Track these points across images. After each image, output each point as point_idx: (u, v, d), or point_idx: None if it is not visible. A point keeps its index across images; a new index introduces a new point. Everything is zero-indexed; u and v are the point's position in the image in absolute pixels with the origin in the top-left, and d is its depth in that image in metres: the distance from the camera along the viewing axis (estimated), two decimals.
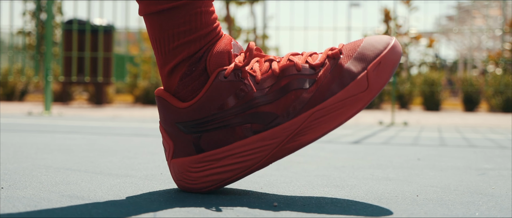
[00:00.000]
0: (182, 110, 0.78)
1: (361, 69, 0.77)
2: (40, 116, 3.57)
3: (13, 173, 0.98)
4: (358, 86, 0.76)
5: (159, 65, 0.81)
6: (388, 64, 0.77)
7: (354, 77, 0.76)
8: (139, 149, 1.47)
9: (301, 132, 0.77)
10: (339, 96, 0.76)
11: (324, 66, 0.78)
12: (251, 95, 0.77)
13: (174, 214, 0.68)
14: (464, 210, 0.75)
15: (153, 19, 0.78)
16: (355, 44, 0.79)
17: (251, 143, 0.77)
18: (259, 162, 0.78)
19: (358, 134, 2.41)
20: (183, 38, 0.78)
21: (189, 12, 0.77)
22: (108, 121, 3.09)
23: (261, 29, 9.46)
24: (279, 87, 0.77)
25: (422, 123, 3.90)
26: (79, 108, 5.53)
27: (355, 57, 0.78)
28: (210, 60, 0.78)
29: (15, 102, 8.02)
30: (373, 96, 0.77)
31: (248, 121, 0.77)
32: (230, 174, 0.79)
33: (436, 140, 2.18)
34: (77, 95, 8.91)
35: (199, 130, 0.78)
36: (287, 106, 0.77)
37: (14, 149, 1.38)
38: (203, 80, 0.78)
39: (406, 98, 8.26)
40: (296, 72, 0.78)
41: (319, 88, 0.77)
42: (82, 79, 6.04)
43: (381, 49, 0.77)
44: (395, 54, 0.77)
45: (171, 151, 0.81)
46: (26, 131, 2.13)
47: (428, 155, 1.51)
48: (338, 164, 1.25)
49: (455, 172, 1.15)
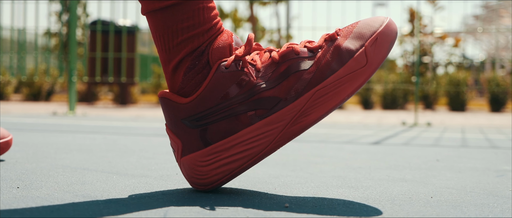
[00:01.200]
0: (185, 105, 0.79)
1: (359, 46, 0.79)
2: (64, 116, 3.61)
3: (30, 173, 0.99)
4: (358, 62, 0.78)
5: (164, 63, 0.82)
6: (384, 40, 0.79)
7: (352, 54, 0.78)
8: (157, 149, 1.48)
9: (305, 112, 0.79)
10: (339, 73, 0.78)
11: (322, 48, 0.80)
12: (252, 83, 0.79)
13: (184, 214, 0.68)
14: (477, 211, 0.74)
15: (156, 16, 0.80)
16: (351, 26, 0.81)
17: (257, 129, 0.79)
18: (267, 147, 0.80)
19: (379, 135, 2.39)
20: (187, 33, 0.79)
21: (192, 7, 0.79)
22: (130, 121, 3.11)
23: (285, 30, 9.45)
24: (280, 72, 0.79)
25: (446, 123, 3.87)
26: (103, 108, 5.58)
27: (352, 37, 0.80)
28: (212, 53, 0.80)
29: (41, 102, 8.11)
30: (373, 71, 0.79)
31: (252, 108, 0.78)
32: (239, 163, 0.80)
33: (458, 141, 2.16)
34: (102, 96, 8.99)
35: (204, 123, 0.79)
36: (289, 88, 0.78)
37: (34, 149, 1.40)
38: (206, 73, 0.80)
39: (431, 98, 8.19)
40: (295, 56, 0.80)
41: (319, 68, 0.78)
42: (106, 80, 6.09)
43: (377, 27, 0.80)
44: (391, 30, 0.79)
45: (180, 150, 0.82)
46: (49, 131, 2.16)
47: (448, 156, 1.49)
48: (355, 165, 1.24)
49: (473, 174, 1.13)
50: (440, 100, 8.49)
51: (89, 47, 6.70)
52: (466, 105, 7.96)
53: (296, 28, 9.69)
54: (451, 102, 7.93)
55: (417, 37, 4.23)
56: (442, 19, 13.36)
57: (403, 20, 11.92)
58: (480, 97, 10.58)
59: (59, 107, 5.59)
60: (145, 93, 11.38)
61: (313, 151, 1.54)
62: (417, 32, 4.28)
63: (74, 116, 3.60)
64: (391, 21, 0.80)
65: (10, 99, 8.77)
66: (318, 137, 2.10)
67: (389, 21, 0.80)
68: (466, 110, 7.79)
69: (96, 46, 6.17)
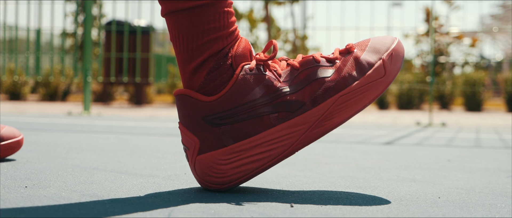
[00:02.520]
0: (210, 103, 0.81)
1: (377, 58, 0.85)
2: (79, 116, 3.63)
3: (40, 172, 1.00)
4: (377, 73, 0.84)
5: (183, 62, 0.83)
6: (398, 56, 0.86)
7: (372, 65, 0.84)
8: (168, 149, 1.49)
9: (328, 116, 0.83)
10: (361, 82, 0.83)
11: (340, 59, 0.85)
12: (276, 86, 0.82)
13: (189, 214, 0.68)
14: (484, 212, 0.74)
15: (181, 16, 0.81)
16: (364, 42, 0.88)
17: (280, 131, 0.82)
18: (288, 149, 0.83)
19: (393, 135, 2.38)
20: (212, 34, 0.81)
21: (218, 10, 0.81)
22: (144, 121, 3.12)
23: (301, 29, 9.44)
24: (302, 78, 0.83)
25: (461, 123, 3.84)
26: (119, 108, 5.60)
27: (368, 50, 0.86)
28: (235, 56, 0.82)
29: (58, 102, 8.17)
30: (390, 81, 0.86)
31: (275, 110, 0.81)
32: (260, 163, 0.82)
33: (472, 141, 2.14)
34: (118, 96, 9.03)
35: (228, 122, 0.81)
36: (312, 93, 0.82)
37: (46, 149, 1.41)
38: (230, 73, 0.82)
39: (447, 98, 8.14)
40: (316, 64, 0.84)
41: (341, 76, 0.83)
42: (121, 80, 6.12)
43: (390, 44, 0.87)
44: (402, 48, 0.87)
45: (197, 148, 0.82)
46: (62, 131, 2.17)
47: (460, 157, 1.48)
48: (366, 165, 1.24)
49: (484, 174, 1.13)
50: (456, 100, 8.44)
51: (104, 48, 6.74)
52: (483, 105, 7.90)
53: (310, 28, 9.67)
54: (467, 102, 7.87)
55: (431, 37, 4.20)
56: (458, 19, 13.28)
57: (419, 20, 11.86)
58: (497, 97, 10.50)
59: (74, 107, 5.63)
60: (161, 93, 11.41)
61: (324, 151, 1.54)
62: (432, 32, 4.25)
63: (89, 116, 3.62)
64: (400, 41, 0.88)
65: (27, 99, 8.85)
66: (330, 137, 2.09)
67: (399, 40, 0.88)
68: (483, 110, 7.73)
69: (111, 46, 6.21)
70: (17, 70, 5.17)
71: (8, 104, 6.61)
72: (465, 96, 7.93)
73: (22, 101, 8.13)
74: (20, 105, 6.07)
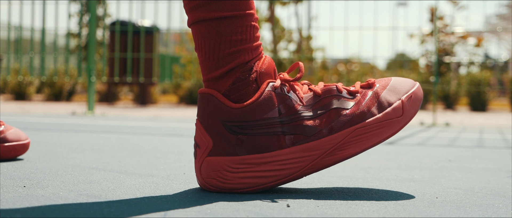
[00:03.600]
0: (234, 110, 0.82)
1: (397, 98, 0.88)
2: (83, 116, 3.64)
3: (39, 171, 1.00)
4: (396, 112, 0.87)
5: (207, 70, 0.85)
6: (417, 99, 0.89)
7: (391, 104, 0.87)
8: (169, 149, 1.49)
9: (342, 146, 0.84)
10: (379, 118, 0.86)
11: (361, 93, 0.88)
12: (296, 109, 0.84)
13: (185, 214, 0.68)
14: (481, 212, 0.74)
15: (210, 26, 0.83)
16: (386, 80, 0.90)
17: (293, 153, 0.83)
18: (297, 172, 0.84)
19: (395, 135, 2.38)
20: (239, 46, 0.83)
21: (245, 23, 0.84)
22: (147, 121, 3.12)
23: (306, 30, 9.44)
24: (322, 105, 0.85)
25: (465, 123, 3.84)
26: (123, 108, 5.61)
27: (388, 89, 0.88)
28: (260, 71, 0.84)
29: (63, 102, 8.19)
30: (407, 122, 0.88)
31: (292, 132, 0.83)
32: (267, 180, 0.83)
33: (474, 141, 2.14)
34: (122, 96, 9.04)
35: (246, 133, 0.82)
36: (329, 122, 0.84)
37: (47, 149, 1.41)
38: (255, 87, 0.84)
39: (452, 98, 8.13)
40: (337, 93, 0.86)
41: (360, 109, 0.86)
42: (125, 80, 6.13)
43: (410, 86, 0.90)
44: (421, 93, 0.90)
45: (209, 148, 0.83)
46: (65, 130, 2.18)
47: (461, 157, 1.48)
48: (366, 165, 1.24)
49: (484, 174, 1.12)
50: (461, 100, 8.42)
51: (109, 48, 6.74)
52: (488, 105, 7.88)
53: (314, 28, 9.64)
54: (472, 102, 7.86)
55: (435, 37, 4.20)
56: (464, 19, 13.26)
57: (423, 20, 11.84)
58: (503, 97, 10.47)
59: (78, 107, 5.64)
60: (165, 93, 11.43)
61: None
62: (436, 32, 4.25)
63: (93, 116, 3.63)
64: (419, 86, 0.91)
65: (32, 99, 8.87)
66: None
67: (418, 85, 0.91)
68: (488, 110, 7.71)
69: (115, 46, 6.22)
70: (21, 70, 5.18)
71: (13, 104, 6.63)
72: (470, 96, 7.91)
73: (27, 101, 8.15)
74: (25, 105, 6.09)
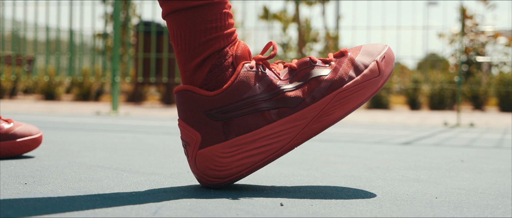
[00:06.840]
0: (213, 97, 0.83)
1: (372, 60, 0.90)
2: (106, 115, 3.67)
3: (45, 169, 1.02)
4: (373, 72, 0.89)
5: (185, 60, 0.86)
6: (390, 59, 0.92)
7: (367, 66, 0.90)
8: (181, 148, 1.49)
9: (326, 112, 0.87)
10: (358, 80, 0.88)
11: (335, 60, 0.90)
12: (275, 83, 0.86)
13: (176, 212, 0.68)
14: (478, 212, 0.73)
15: (184, 15, 0.84)
16: (357, 47, 0.93)
17: (280, 125, 0.85)
18: (288, 143, 0.86)
19: (415, 135, 2.36)
20: (215, 33, 0.85)
21: (219, 10, 0.85)
22: (168, 121, 3.14)
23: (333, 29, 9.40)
24: (300, 77, 0.88)
25: (491, 124, 3.78)
26: (149, 108, 5.65)
27: (361, 54, 0.91)
28: (235, 55, 0.86)
29: (90, 102, 8.28)
30: (384, 81, 0.91)
31: (276, 106, 0.85)
32: (261, 156, 0.85)
33: (494, 142, 2.10)
34: (149, 96, 9.10)
35: (229, 116, 0.83)
36: (311, 91, 0.86)
37: (59, 147, 1.43)
38: (231, 71, 0.85)
39: (481, 98, 8.02)
40: (313, 64, 0.89)
41: (338, 75, 0.88)
42: (148, 80, 6.16)
43: (381, 48, 0.93)
44: (392, 53, 0.93)
45: (198, 142, 0.84)
46: (83, 129, 2.20)
47: (475, 157, 1.46)
48: (374, 165, 1.23)
49: (493, 175, 1.11)
50: (491, 100, 8.31)
51: (135, 48, 6.79)
52: None
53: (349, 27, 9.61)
54: (501, 102, 7.74)
55: (460, 36, 4.15)
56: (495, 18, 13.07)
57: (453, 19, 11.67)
58: None
59: (104, 107, 5.70)
60: None
61: (336, 151, 1.53)
62: (462, 32, 4.20)
63: (117, 116, 3.66)
64: (390, 47, 0.94)
65: (61, 99, 8.98)
66: (349, 137, 2.08)
67: (390, 47, 0.94)
68: None
69: (139, 47, 6.26)
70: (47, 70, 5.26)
71: (42, 103, 6.72)
72: (499, 97, 7.80)
73: (56, 101, 8.26)
74: (53, 105, 6.17)
